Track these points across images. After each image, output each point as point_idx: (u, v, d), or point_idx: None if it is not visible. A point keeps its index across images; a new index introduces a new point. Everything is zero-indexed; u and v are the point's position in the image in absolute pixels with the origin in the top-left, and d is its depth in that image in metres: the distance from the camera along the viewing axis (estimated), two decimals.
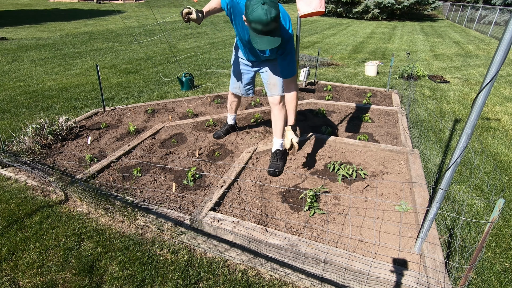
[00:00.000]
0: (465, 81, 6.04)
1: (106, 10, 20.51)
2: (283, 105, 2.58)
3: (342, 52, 8.87)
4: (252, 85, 2.95)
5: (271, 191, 2.38)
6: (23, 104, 4.23)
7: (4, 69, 6.01)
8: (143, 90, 4.98)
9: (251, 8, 1.87)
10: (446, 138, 3.52)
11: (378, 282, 1.58)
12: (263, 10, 1.83)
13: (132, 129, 3.36)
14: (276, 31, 1.97)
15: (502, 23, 14.71)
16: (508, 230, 2.16)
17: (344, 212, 2.15)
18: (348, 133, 3.42)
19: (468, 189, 2.61)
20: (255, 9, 1.85)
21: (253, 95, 3.10)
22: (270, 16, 1.85)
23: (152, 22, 14.76)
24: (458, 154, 1.41)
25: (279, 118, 2.61)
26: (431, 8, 22.01)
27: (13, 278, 1.74)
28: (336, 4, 21.15)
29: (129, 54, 7.79)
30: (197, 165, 2.75)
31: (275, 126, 2.66)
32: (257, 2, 1.85)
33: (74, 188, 2.30)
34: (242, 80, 2.88)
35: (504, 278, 1.80)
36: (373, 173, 2.59)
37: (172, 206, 2.22)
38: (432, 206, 1.60)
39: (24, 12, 17.46)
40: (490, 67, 1.23)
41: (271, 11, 1.85)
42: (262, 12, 1.84)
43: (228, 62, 7.14)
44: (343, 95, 4.82)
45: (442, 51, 9.44)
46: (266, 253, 1.83)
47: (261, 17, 1.85)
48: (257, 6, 1.84)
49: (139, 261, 1.86)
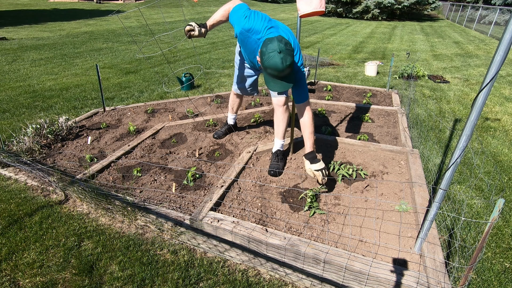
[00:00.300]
0: (465, 81, 6.04)
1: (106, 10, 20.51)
2: (287, 108, 2.58)
3: (342, 52, 8.87)
4: (256, 86, 3.00)
5: (271, 191, 2.38)
6: (23, 104, 4.23)
7: (4, 69, 6.01)
8: (143, 90, 4.98)
9: (267, 55, 1.90)
10: (446, 138, 3.52)
11: (378, 282, 1.58)
12: (280, 59, 1.87)
13: (132, 129, 3.36)
14: (290, 76, 2.01)
15: (502, 23, 14.71)
16: (508, 230, 2.16)
17: (344, 212, 2.15)
18: (348, 133, 3.42)
19: (468, 189, 2.61)
20: (272, 57, 1.88)
21: (257, 94, 3.13)
22: (286, 64, 1.89)
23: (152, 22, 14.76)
24: (458, 154, 1.41)
25: (282, 120, 2.60)
26: (431, 8, 22.00)
27: (13, 278, 1.74)
28: (336, 4, 21.15)
29: (129, 54, 7.79)
30: (197, 165, 2.75)
31: (277, 128, 2.66)
32: (273, 50, 1.87)
33: (74, 188, 2.30)
34: (245, 83, 2.92)
35: (504, 278, 1.80)
36: (373, 173, 2.59)
37: (172, 206, 2.22)
38: (432, 206, 1.60)
39: (24, 12, 17.46)
40: (490, 67, 1.23)
41: (287, 59, 1.89)
42: (278, 60, 1.87)
43: (228, 62, 7.14)
44: (343, 95, 4.82)
45: (442, 51, 9.44)
46: (266, 253, 1.83)
47: (278, 65, 1.88)
48: (273, 54, 1.87)
49: (139, 261, 1.86)
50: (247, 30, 2.19)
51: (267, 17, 2.22)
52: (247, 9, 2.25)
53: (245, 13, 2.20)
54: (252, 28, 2.17)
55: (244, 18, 2.19)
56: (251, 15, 2.19)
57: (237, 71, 2.87)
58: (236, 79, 2.94)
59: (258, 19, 2.17)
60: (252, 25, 2.16)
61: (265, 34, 2.15)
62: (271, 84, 2.02)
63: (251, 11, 2.22)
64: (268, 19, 2.21)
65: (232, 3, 2.31)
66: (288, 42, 1.95)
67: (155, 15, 18.04)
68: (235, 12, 2.25)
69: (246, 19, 2.18)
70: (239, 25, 2.21)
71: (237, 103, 3.18)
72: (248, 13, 2.20)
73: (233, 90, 3.05)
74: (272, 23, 2.21)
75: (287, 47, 1.91)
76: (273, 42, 1.90)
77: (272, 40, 1.92)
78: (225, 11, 2.34)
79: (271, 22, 2.21)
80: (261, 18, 2.19)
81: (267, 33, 2.15)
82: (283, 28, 2.25)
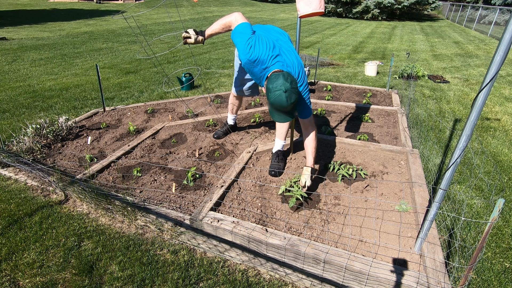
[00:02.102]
0: (465, 81, 6.04)
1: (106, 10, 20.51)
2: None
3: (342, 52, 8.87)
4: (256, 88, 3.00)
5: (271, 191, 2.38)
6: (23, 104, 4.23)
7: (4, 69, 6.01)
8: (143, 90, 4.98)
9: (273, 93, 1.91)
10: (446, 138, 3.52)
11: (378, 282, 1.58)
12: (285, 98, 1.89)
13: (132, 129, 3.36)
14: (294, 108, 2.02)
15: (502, 23, 14.71)
16: (508, 230, 2.16)
17: (344, 212, 2.15)
18: (348, 133, 3.42)
19: (468, 189, 2.62)
20: (277, 95, 1.89)
21: (257, 95, 3.12)
22: (290, 102, 1.91)
23: (152, 22, 14.76)
24: (458, 154, 1.41)
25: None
26: (431, 8, 22.00)
27: (13, 278, 1.74)
28: (336, 4, 21.15)
29: (129, 54, 7.79)
30: (197, 165, 2.75)
31: (279, 128, 2.66)
32: (279, 89, 1.88)
33: (74, 188, 2.30)
34: (245, 86, 2.93)
35: (504, 278, 1.80)
36: (373, 173, 2.59)
37: (172, 206, 2.22)
38: (432, 206, 1.60)
39: (24, 12, 17.46)
40: (490, 67, 1.23)
41: (292, 97, 1.90)
42: (284, 99, 1.89)
43: (228, 62, 7.14)
44: (343, 95, 4.82)
45: (442, 51, 9.44)
46: (266, 253, 1.83)
47: (283, 103, 1.91)
48: (279, 93, 1.89)
49: (139, 261, 1.86)
50: (253, 62, 2.10)
51: (271, 43, 2.12)
52: (250, 33, 2.10)
53: (249, 42, 2.07)
54: (257, 59, 2.08)
55: (249, 49, 2.07)
56: (256, 44, 2.07)
57: (237, 74, 2.86)
58: (236, 82, 2.93)
59: (263, 48, 2.07)
60: (257, 56, 2.07)
61: (271, 64, 2.09)
62: (275, 116, 2.04)
63: (254, 38, 2.08)
64: (272, 45, 2.11)
65: (234, 19, 2.20)
66: (293, 80, 1.93)
67: (155, 15, 18.04)
68: (238, 36, 2.12)
69: (251, 49, 2.06)
70: (243, 54, 2.11)
71: (236, 105, 3.18)
72: (253, 41, 2.07)
73: (233, 92, 3.05)
74: (277, 50, 2.11)
75: (292, 85, 1.90)
76: (278, 79, 1.89)
77: (278, 77, 1.91)
78: (225, 25, 2.26)
79: (276, 49, 2.11)
80: (266, 46, 2.08)
81: (273, 63, 2.09)
82: (287, 51, 2.18)
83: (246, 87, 2.95)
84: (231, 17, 2.23)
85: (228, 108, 3.26)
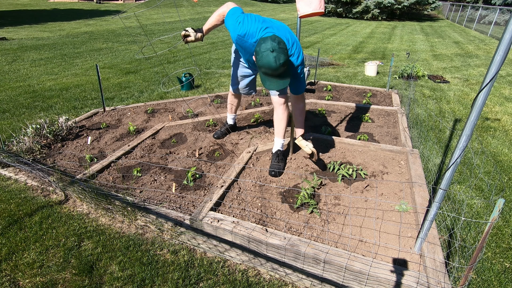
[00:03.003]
0: (465, 81, 6.04)
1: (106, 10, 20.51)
2: (287, 106, 2.58)
3: (342, 52, 8.87)
4: (253, 85, 2.99)
5: (271, 191, 2.38)
6: (23, 104, 4.23)
7: (4, 69, 6.01)
8: (143, 90, 4.98)
9: (260, 54, 1.92)
10: (446, 138, 3.52)
11: (378, 282, 1.58)
12: (273, 57, 1.89)
13: (132, 129, 3.36)
14: (286, 74, 2.02)
15: (502, 23, 14.71)
16: (508, 230, 2.16)
17: (344, 212, 2.15)
18: (348, 133, 3.42)
19: (468, 189, 2.62)
20: (265, 56, 1.90)
21: (255, 93, 3.11)
22: (279, 62, 1.90)
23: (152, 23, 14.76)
24: (458, 154, 1.41)
25: (283, 118, 2.60)
26: (431, 8, 22.00)
27: (13, 278, 1.74)
28: (336, 4, 21.15)
29: (129, 54, 7.79)
30: (197, 165, 2.75)
31: (278, 127, 2.65)
32: (266, 50, 1.89)
33: (74, 188, 2.30)
34: (242, 82, 2.91)
35: (504, 278, 1.80)
36: (373, 173, 2.59)
37: (172, 206, 2.22)
38: (432, 206, 1.60)
39: (24, 12, 17.46)
40: (490, 67, 1.23)
41: (280, 57, 1.90)
42: (271, 59, 1.89)
43: (228, 62, 7.14)
44: (343, 95, 4.82)
45: (442, 51, 9.44)
46: (266, 253, 1.83)
47: (271, 64, 1.90)
48: (266, 53, 1.89)
49: (139, 261, 1.86)
50: (243, 36, 2.17)
51: (261, 18, 2.19)
52: (240, 13, 2.22)
53: (238, 19, 2.17)
54: (247, 33, 2.15)
55: (238, 24, 2.16)
56: (244, 20, 2.15)
57: (234, 70, 2.87)
58: (233, 79, 2.93)
59: (252, 22, 2.15)
60: (246, 30, 2.14)
61: (261, 35, 2.14)
62: (267, 83, 2.03)
63: (244, 15, 2.19)
64: (262, 19, 2.18)
65: (226, 7, 2.29)
66: (281, 41, 1.95)
67: (155, 15, 18.04)
68: (229, 18, 2.23)
69: (240, 25, 2.15)
70: (234, 32, 2.19)
71: (235, 103, 3.18)
72: (241, 18, 2.16)
73: (231, 90, 3.04)
74: (267, 23, 2.18)
75: (280, 45, 1.91)
76: (266, 41, 1.92)
77: (266, 39, 1.93)
78: (219, 15, 2.33)
79: (266, 22, 2.18)
80: (254, 20, 2.16)
81: (263, 34, 2.13)
82: (279, 26, 2.22)
83: (243, 85, 2.92)
84: (224, 7, 2.31)
85: (227, 108, 3.26)
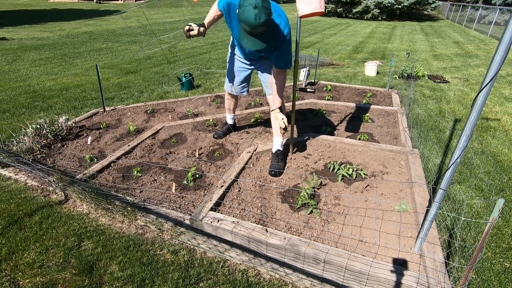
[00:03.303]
0: (465, 81, 6.04)
1: (105, 10, 20.51)
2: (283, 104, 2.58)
3: (342, 52, 8.87)
4: (247, 84, 2.92)
5: (271, 191, 2.38)
6: (23, 104, 4.23)
7: (4, 69, 6.01)
8: (143, 90, 4.98)
9: (242, 8, 1.89)
10: (446, 138, 3.52)
11: (378, 282, 1.58)
12: (254, 14, 1.85)
13: (132, 129, 3.36)
14: (265, 35, 1.98)
15: (502, 23, 14.71)
16: (508, 230, 2.16)
17: (344, 212, 2.15)
18: (348, 133, 3.42)
19: (468, 189, 2.61)
20: (246, 11, 1.86)
21: (247, 94, 3.04)
22: (259, 20, 1.86)
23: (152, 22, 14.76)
24: (458, 154, 1.41)
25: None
26: (431, 8, 22.00)
27: (13, 278, 1.74)
28: (336, 4, 21.15)
29: (129, 54, 7.79)
30: (197, 165, 2.75)
31: (275, 125, 2.66)
32: (249, 5, 1.85)
33: (74, 188, 2.30)
34: (237, 78, 2.85)
35: (504, 278, 1.80)
36: (373, 173, 2.59)
37: (172, 206, 2.22)
38: (432, 206, 1.60)
39: (24, 12, 17.46)
40: (490, 67, 1.23)
41: (261, 16, 1.86)
42: (252, 15, 1.85)
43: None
44: (343, 95, 4.82)
45: (442, 51, 9.44)
46: (266, 253, 1.83)
47: (250, 20, 1.86)
48: (248, 8, 1.85)
49: (139, 261, 1.86)
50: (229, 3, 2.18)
51: None
52: None
53: None
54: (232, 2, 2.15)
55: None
56: None
57: (230, 66, 2.84)
58: (228, 75, 2.89)
59: None
60: None
61: None
62: (244, 40, 2.00)
63: None
64: None
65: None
66: (266, 0, 1.92)
67: (155, 15, 18.04)
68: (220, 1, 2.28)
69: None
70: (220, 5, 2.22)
71: (233, 103, 3.17)
72: None
73: (225, 88, 3.01)
74: None
75: (264, 4, 1.88)
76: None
77: None
78: (215, 4, 2.36)
79: None
80: None
81: None
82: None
83: (237, 82, 2.87)
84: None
85: (225, 108, 3.25)
